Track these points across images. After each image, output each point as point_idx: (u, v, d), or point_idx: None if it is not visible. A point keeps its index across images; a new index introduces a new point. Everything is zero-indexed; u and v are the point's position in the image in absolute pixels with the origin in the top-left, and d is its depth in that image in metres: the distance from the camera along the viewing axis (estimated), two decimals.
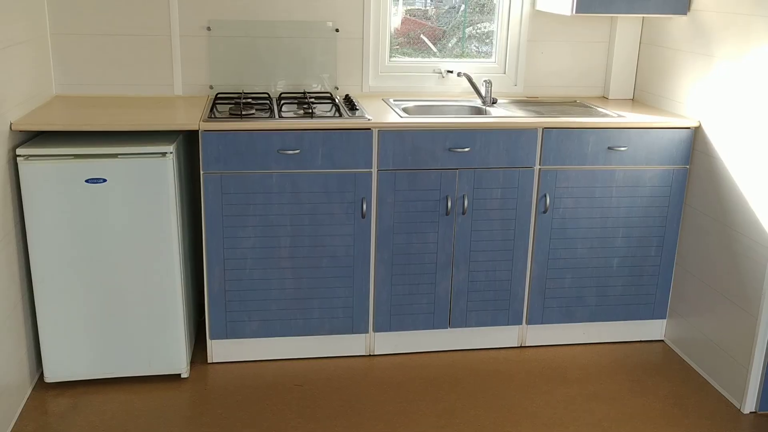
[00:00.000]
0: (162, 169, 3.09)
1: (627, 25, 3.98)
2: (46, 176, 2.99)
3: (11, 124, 3.00)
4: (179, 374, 3.37)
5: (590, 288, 3.66)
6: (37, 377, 3.29)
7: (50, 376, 3.23)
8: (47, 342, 3.19)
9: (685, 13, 3.57)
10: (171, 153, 3.09)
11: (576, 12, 3.50)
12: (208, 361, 3.50)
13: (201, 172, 3.21)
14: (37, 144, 3.05)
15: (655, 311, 3.76)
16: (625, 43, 4.01)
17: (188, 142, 3.53)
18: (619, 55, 4.03)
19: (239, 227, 3.29)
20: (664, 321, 3.82)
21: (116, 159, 3.05)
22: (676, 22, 3.66)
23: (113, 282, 3.17)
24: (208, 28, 3.73)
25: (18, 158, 2.97)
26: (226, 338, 3.45)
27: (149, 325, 3.25)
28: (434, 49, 4.17)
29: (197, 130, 3.17)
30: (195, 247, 3.70)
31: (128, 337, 3.25)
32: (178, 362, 3.33)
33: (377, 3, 3.85)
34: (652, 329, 3.83)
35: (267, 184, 3.25)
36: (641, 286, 3.70)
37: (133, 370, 3.31)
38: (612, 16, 3.98)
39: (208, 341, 3.47)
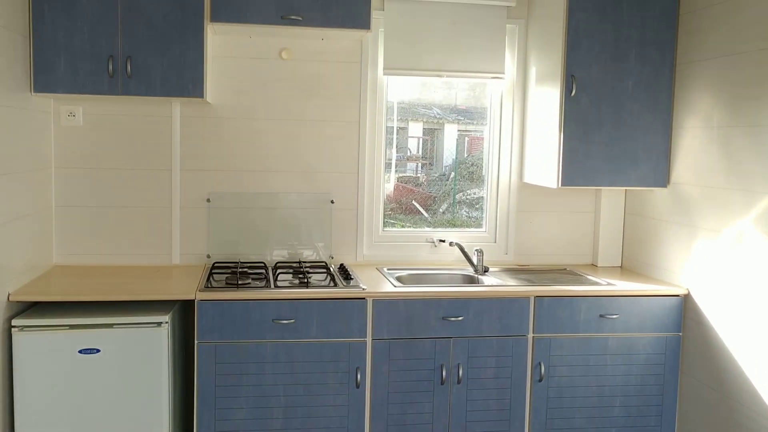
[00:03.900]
0: (157, 339, 3.09)
1: (611, 196, 4.16)
2: (40, 347, 2.99)
3: (9, 295, 3.03)
4: None
5: None
6: None
7: None
8: None
9: (665, 186, 3.74)
10: (166, 323, 3.11)
11: (561, 185, 3.66)
12: None
13: (195, 342, 3.21)
14: (34, 314, 3.07)
15: None
16: (610, 213, 4.17)
17: (184, 310, 3.55)
18: (606, 225, 4.17)
19: (232, 398, 3.24)
20: None
21: (111, 329, 3.06)
22: (658, 194, 3.83)
23: None
24: (208, 200, 3.86)
25: (13, 329, 2.97)
26: None
27: None
28: (426, 215, 4.31)
29: (193, 300, 3.20)
30: (186, 416, 3.61)
31: None
32: None
33: (371, 175, 4.03)
34: None
35: (261, 354, 3.24)
36: None
37: None
38: (596, 188, 4.16)
39: None
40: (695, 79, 3.52)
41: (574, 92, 3.61)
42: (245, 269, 3.66)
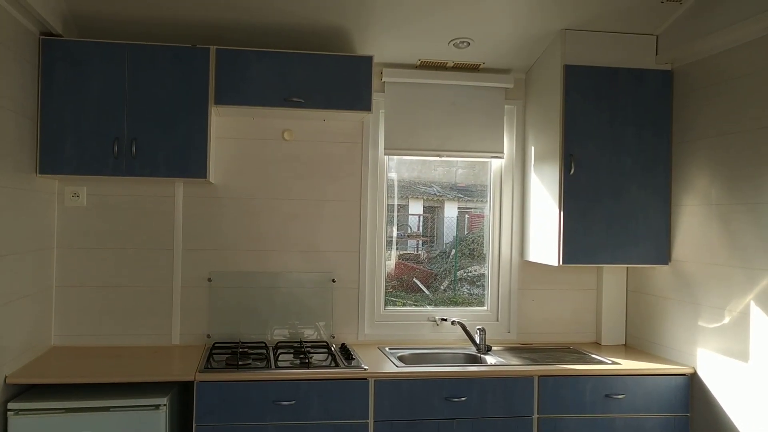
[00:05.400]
0: (154, 422, 3.03)
1: (613, 273, 4.15)
2: (35, 431, 2.92)
3: (6, 377, 2.99)
4: None
5: None
6: None
7: None
8: None
9: (667, 263, 3.73)
10: (164, 405, 3.05)
11: (563, 263, 3.66)
12: None
13: (194, 425, 3.14)
14: (30, 397, 3.02)
15: None
16: (612, 291, 4.15)
17: (183, 391, 3.49)
18: (608, 302, 4.15)
19: None
20: None
21: (108, 412, 3.01)
22: (659, 272, 3.82)
23: None
24: (209, 279, 3.86)
25: (8, 413, 2.92)
26: None
27: None
28: (427, 292, 4.29)
29: (193, 381, 3.15)
30: None
31: None
32: None
33: (372, 254, 4.04)
34: None
35: None
36: None
37: None
38: (598, 266, 4.15)
39: None
40: (692, 157, 3.57)
41: (573, 171, 3.65)
42: (246, 349, 3.62)
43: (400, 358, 3.67)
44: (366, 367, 3.34)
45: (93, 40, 3.39)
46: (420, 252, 4.43)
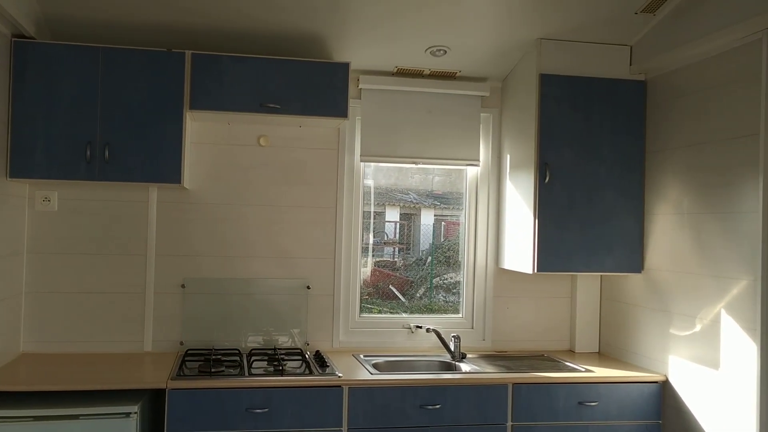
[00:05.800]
0: (125, 430, 2.99)
1: (586, 281, 4.18)
2: None
3: None
4: None
5: None
6: None
7: None
8: None
9: (640, 272, 3.77)
10: (135, 413, 3.01)
11: (537, 271, 3.68)
12: None
13: None
14: None
15: None
16: (586, 299, 4.18)
17: (155, 399, 3.45)
18: (582, 310, 4.17)
19: None
20: None
21: (77, 420, 2.96)
22: (632, 280, 3.85)
23: None
24: (183, 286, 3.82)
25: None
26: None
27: None
28: (403, 299, 4.29)
29: (164, 389, 3.12)
30: None
31: None
32: None
33: (348, 261, 4.03)
34: None
35: None
36: None
37: None
38: (572, 274, 4.18)
39: None
40: (664, 166, 3.61)
41: (548, 179, 3.68)
42: (219, 356, 3.59)
43: (375, 366, 3.66)
44: (340, 375, 3.33)
45: (66, 42, 3.35)
46: (396, 259, 4.43)
